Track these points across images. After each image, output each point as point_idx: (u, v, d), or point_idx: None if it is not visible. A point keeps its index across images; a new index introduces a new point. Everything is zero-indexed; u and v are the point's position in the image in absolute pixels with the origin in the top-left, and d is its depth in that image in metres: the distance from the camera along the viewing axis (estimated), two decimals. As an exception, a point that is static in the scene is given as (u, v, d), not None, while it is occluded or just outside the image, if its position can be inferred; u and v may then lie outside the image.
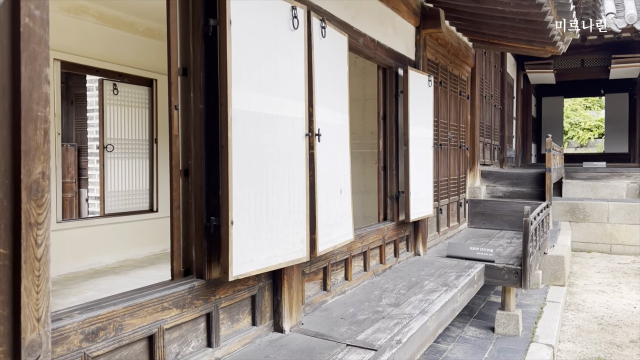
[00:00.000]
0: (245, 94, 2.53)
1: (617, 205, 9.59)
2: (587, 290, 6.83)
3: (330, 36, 3.39)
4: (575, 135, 28.83)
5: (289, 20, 2.86)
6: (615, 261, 8.77)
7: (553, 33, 5.63)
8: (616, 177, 10.87)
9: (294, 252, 2.94)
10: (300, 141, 2.97)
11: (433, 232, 6.12)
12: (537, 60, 11.75)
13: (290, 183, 2.88)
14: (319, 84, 3.24)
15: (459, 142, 7.06)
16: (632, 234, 9.45)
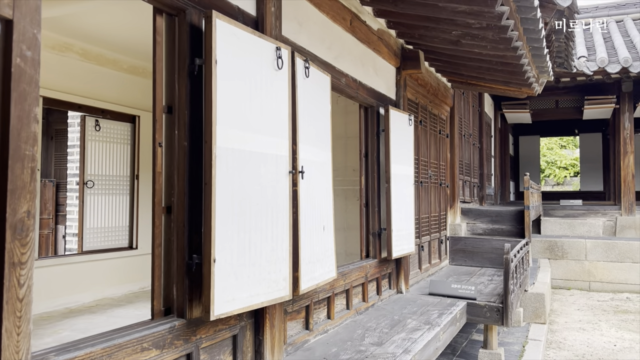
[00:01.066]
0: (229, 131, 2.55)
1: (595, 243, 9.74)
2: (568, 328, 6.84)
3: (314, 76, 3.47)
4: (552, 174, 29.42)
5: (274, 61, 2.92)
6: (594, 298, 8.84)
7: (528, 75, 5.82)
8: (592, 215, 11.07)
9: (276, 290, 2.91)
10: (283, 178, 2.98)
11: (415, 270, 6.13)
12: (514, 101, 12.07)
13: (274, 220, 2.88)
14: (303, 122, 3.28)
15: (439, 179, 7.15)
16: (610, 271, 9.57)
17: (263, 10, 3.04)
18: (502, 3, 3.67)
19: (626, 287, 9.44)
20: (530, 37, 4.82)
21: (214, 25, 2.47)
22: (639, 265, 9.41)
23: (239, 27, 2.66)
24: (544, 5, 6.49)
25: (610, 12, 13.61)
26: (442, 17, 4.23)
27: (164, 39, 2.56)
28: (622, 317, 7.46)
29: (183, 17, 2.56)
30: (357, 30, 4.43)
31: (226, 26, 2.56)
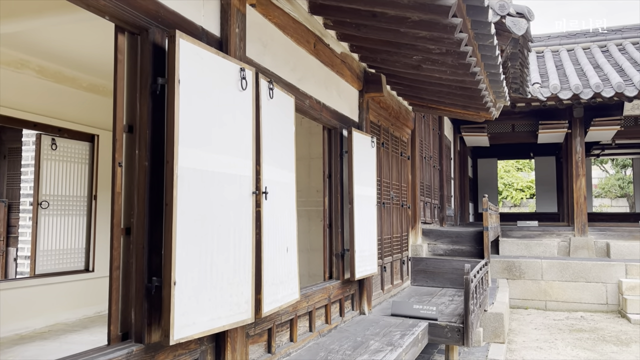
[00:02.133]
0: (192, 151, 2.53)
1: (550, 263, 10.02)
2: (526, 347, 6.97)
3: (278, 97, 3.48)
4: (509, 195, 30.26)
5: (238, 81, 2.93)
6: (550, 317, 9.05)
7: (486, 100, 6.02)
8: (548, 236, 11.41)
9: (238, 313, 2.86)
10: (247, 199, 2.96)
11: (377, 290, 6.14)
12: (472, 124, 12.42)
13: (236, 242, 2.85)
14: (267, 142, 3.28)
15: (401, 200, 7.25)
16: (565, 291, 9.84)
17: (227, 31, 3.05)
18: (460, 30, 3.80)
19: (580, 306, 9.72)
20: (487, 63, 5.00)
21: (177, 45, 2.46)
22: (592, 285, 9.72)
23: (202, 47, 2.66)
24: (500, 33, 6.75)
25: (561, 41, 14.26)
26: (403, 42, 4.34)
27: (125, 58, 2.53)
28: (577, 336, 7.66)
29: (146, 36, 2.54)
30: (321, 53, 4.49)
31: (190, 46, 2.55)
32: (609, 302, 9.59)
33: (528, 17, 6.83)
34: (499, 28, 6.71)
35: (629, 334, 7.80)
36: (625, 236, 10.93)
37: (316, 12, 4.18)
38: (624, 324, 8.49)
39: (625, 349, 6.89)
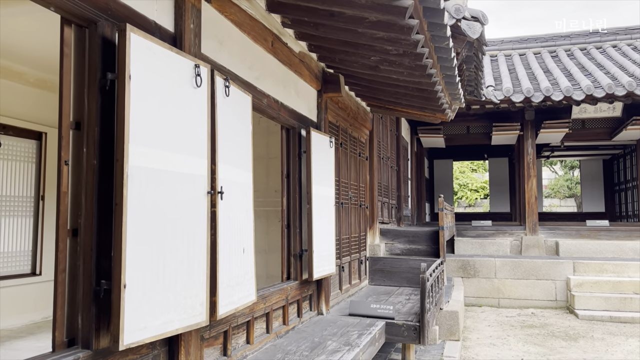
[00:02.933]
0: (143, 150, 2.44)
1: (503, 262, 10.29)
2: (480, 344, 7.13)
3: (234, 95, 3.42)
4: (464, 196, 30.98)
5: (192, 78, 2.85)
6: (503, 314, 9.30)
7: (442, 101, 6.11)
8: (501, 235, 11.73)
9: (192, 316, 2.79)
10: (201, 199, 2.89)
11: (336, 290, 6.15)
12: (429, 126, 12.64)
13: (190, 243, 2.78)
14: (222, 141, 3.22)
15: (359, 201, 7.28)
16: (517, 288, 10.13)
17: (182, 26, 2.97)
18: (417, 31, 3.84)
19: (531, 302, 10.03)
20: (443, 65, 5.07)
21: (128, 39, 2.37)
22: (542, 282, 10.04)
23: (155, 42, 2.58)
24: (455, 36, 6.87)
25: (514, 46, 14.69)
26: (361, 43, 4.35)
27: (72, 52, 2.42)
28: (528, 332, 7.89)
29: (94, 29, 2.44)
30: (279, 51, 4.45)
31: (141, 41, 2.46)
32: (558, 298, 9.94)
33: (482, 21, 6.98)
34: (455, 31, 6.83)
35: (576, 329, 8.10)
36: (573, 235, 11.36)
37: (274, 10, 4.14)
38: (572, 320, 8.81)
39: (574, 344, 7.15)
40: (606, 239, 11.07)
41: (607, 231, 11.21)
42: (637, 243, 10.75)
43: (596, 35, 14.17)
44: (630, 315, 8.72)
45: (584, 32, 14.35)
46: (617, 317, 8.72)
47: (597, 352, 6.70)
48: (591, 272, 9.91)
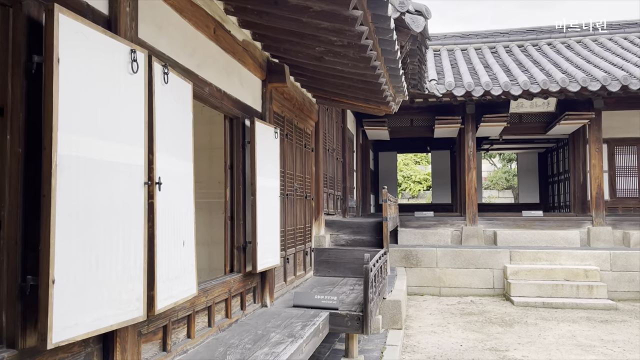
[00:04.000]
0: (73, 138, 2.31)
1: (444, 251, 10.59)
2: (421, 332, 7.31)
3: (174, 83, 3.31)
4: (408, 187, 31.66)
5: (128, 64, 2.73)
6: (444, 303, 9.58)
7: (386, 94, 6.18)
8: (442, 226, 12.06)
9: (128, 311, 2.69)
10: (138, 190, 2.78)
11: (280, 282, 6.12)
12: (374, 118, 12.78)
13: (126, 235, 2.67)
14: (161, 130, 3.10)
15: (304, 192, 7.27)
16: (457, 277, 10.47)
17: (117, 9, 2.83)
18: (361, 23, 3.84)
19: (471, 291, 10.39)
20: (387, 57, 5.12)
21: (56, 20, 2.23)
22: (481, 271, 10.42)
23: (87, 24, 2.44)
24: (400, 30, 6.95)
25: (456, 41, 15.06)
26: (306, 33, 4.31)
27: (-6, 31, 2.25)
28: (467, 319, 8.17)
29: (19, 9, 2.28)
30: (222, 39, 4.34)
31: (71, 22, 2.33)
32: (496, 286, 10.35)
33: (426, 15, 7.08)
34: (399, 24, 6.90)
35: (512, 315, 8.45)
36: (510, 225, 11.83)
37: (216, -4, 4.03)
38: (508, 306, 9.19)
39: (509, 329, 7.46)
40: (540, 228, 11.61)
41: (541, 221, 11.75)
42: (568, 232, 11.33)
43: (532, 33, 14.75)
44: (561, 301, 9.20)
45: (522, 30, 14.91)
46: (549, 303, 9.17)
47: (530, 337, 7.02)
48: (526, 260, 10.37)
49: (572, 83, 10.35)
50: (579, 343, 6.70)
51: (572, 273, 9.80)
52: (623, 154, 12.48)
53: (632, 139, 12.44)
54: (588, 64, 11.73)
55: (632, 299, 9.86)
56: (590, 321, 8.01)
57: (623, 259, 10.05)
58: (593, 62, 11.97)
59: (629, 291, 9.94)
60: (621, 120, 12.35)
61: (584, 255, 10.21)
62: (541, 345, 6.58)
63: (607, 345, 6.60)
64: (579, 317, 8.34)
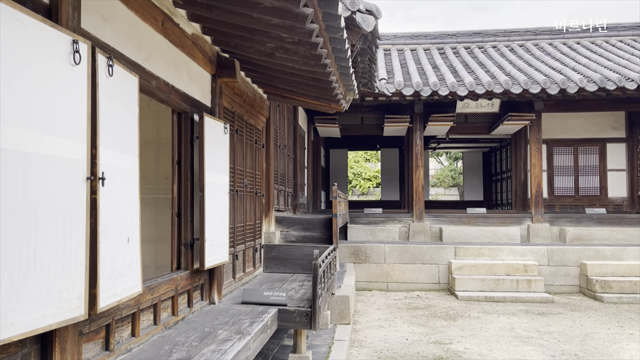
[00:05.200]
0: (9, 130, 2.22)
1: (392, 247, 10.80)
2: (369, 327, 7.44)
3: (119, 76, 3.22)
4: (358, 184, 32.03)
5: (70, 55, 2.64)
6: (391, 298, 9.78)
7: (337, 92, 6.23)
8: (390, 222, 12.29)
9: (69, 310, 2.61)
10: (79, 185, 2.70)
11: (229, 279, 6.07)
12: (325, 116, 12.86)
13: (67, 232, 2.58)
14: (105, 124, 3.02)
15: (255, 189, 7.23)
16: (404, 273, 10.70)
17: (58, -2, 2.73)
18: (312, 21, 3.86)
19: (417, 285, 10.65)
20: (338, 56, 5.16)
21: (-8, 6, 2.13)
22: (427, 266, 10.69)
23: (25, 12, 2.34)
24: (350, 28, 7.02)
25: (406, 41, 15.34)
26: (256, 28, 4.29)
27: None
28: (413, 313, 8.37)
29: (-49, -7, 2.16)
30: (170, 32, 4.25)
31: (8, 10, 2.23)
32: (441, 281, 10.65)
33: (376, 15, 7.19)
34: (350, 23, 6.97)
35: (456, 309, 8.73)
36: (455, 222, 12.19)
37: (165, -12, 3.95)
38: (453, 301, 9.48)
39: (453, 323, 7.70)
40: (483, 225, 12.02)
41: (484, 218, 12.17)
42: (509, 229, 11.79)
43: (479, 36, 15.22)
44: (502, 295, 9.57)
45: (469, 32, 15.35)
46: (491, 297, 9.53)
47: (473, 330, 7.28)
48: (470, 256, 10.72)
49: (515, 85, 10.76)
50: (517, 335, 7.00)
51: (512, 268, 10.22)
52: (561, 154, 13.10)
53: (569, 140, 13.09)
54: (530, 67, 12.23)
55: (567, 292, 10.39)
56: (528, 314, 8.37)
57: (559, 254, 10.56)
58: (534, 65, 12.48)
59: (564, 285, 10.46)
60: (559, 122, 12.97)
61: (523, 250, 10.66)
62: (482, 338, 6.83)
63: (544, 336, 6.93)
64: (518, 310, 8.70)
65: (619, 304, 9.24)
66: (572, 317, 8.15)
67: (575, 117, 12.94)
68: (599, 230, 11.53)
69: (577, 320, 7.92)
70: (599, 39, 14.76)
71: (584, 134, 13.06)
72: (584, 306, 9.04)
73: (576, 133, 13.08)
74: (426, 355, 6.05)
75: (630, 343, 6.59)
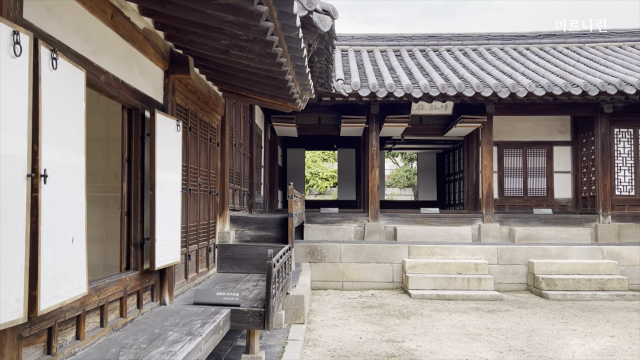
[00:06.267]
0: (-58, 124, 2.10)
1: (347, 247, 10.88)
2: (323, 326, 7.47)
3: (64, 69, 3.10)
4: (315, 184, 32.12)
5: (10, 46, 2.52)
6: (346, 297, 9.84)
7: (292, 91, 6.22)
8: (346, 222, 12.37)
9: (7, 313, 2.49)
10: (20, 183, 2.58)
11: (181, 279, 5.96)
12: (282, 115, 12.81)
13: (4, 232, 2.46)
14: (48, 119, 2.90)
15: (209, 187, 7.13)
16: (359, 272, 10.80)
17: (-2, -14, 2.60)
18: (267, 19, 3.83)
19: (372, 284, 10.77)
20: (294, 55, 5.15)
21: None
22: (381, 265, 10.83)
23: (-40, 0, 2.22)
24: (307, 28, 7.02)
25: (363, 43, 15.48)
26: (211, 25, 4.22)
27: None
28: (367, 312, 8.46)
29: None
30: (120, 26, 4.13)
31: (-59, -4, 2.11)
32: (395, 280, 10.80)
33: (333, 15, 7.21)
34: (307, 23, 6.97)
35: (409, 307, 8.87)
36: (409, 221, 12.39)
37: (114, -20, 3.83)
38: (406, 299, 9.63)
39: (406, 321, 7.83)
40: (437, 225, 12.27)
41: (437, 218, 12.43)
42: (461, 228, 12.08)
43: (434, 39, 15.54)
44: (454, 293, 9.80)
45: (424, 35, 15.65)
46: (443, 295, 9.74)
47: (425, 328, 7.41)
48: (423, 255, 10.93)
49: (468, 88, 11.04)
50: (467, 332, 7.18)
51: (464, 267, 10.47)
52: (511, 156, 13.54)
53: (519, 142, 13.54)
54: (482, 71, 12.57)
55: (516, 290, 10.74)
56: (478, 311, 8.61)
57: (508, 253, 10.90)
58: (486, 69, 12.84)
59: (513, 283, 10.81)
60: (510, 125, 13.39)
61: (474, 250, 10.95)
62: (434, 336, 6.97)
63: (492, 333, 7.14)
64: (469, 307, 8.93)
65: (563, 300, 9.62)
66: (519, 314, 8.42)
67: (525, 120, 13.39)
68: (546, 230, 11.97)
69: (524, 317, 8.20)
70: (546, 46, 15.33)
71: (533, 137, 13.54)
72: (530, 303, 9.36)
73: (525, 136, 13.54)
74: (379, 354, 6.12)
75: (573, 338, 6.87)
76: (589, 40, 15.47)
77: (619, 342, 6.67)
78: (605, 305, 9.24)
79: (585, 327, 7.49)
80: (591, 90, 10.84)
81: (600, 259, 10.79)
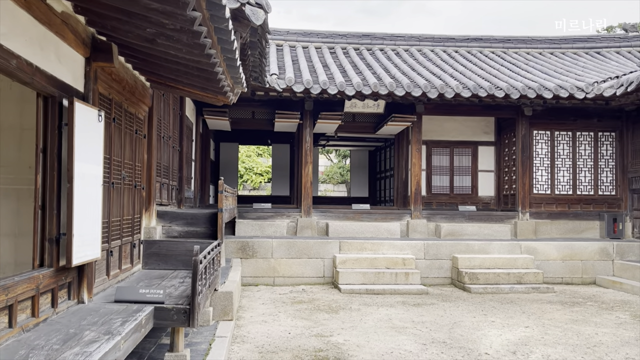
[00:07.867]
0: None
1: (280, 242, 10.86)
2: (253, 322, 7.41)
3: (-33, 51, 2.87)
4: (249, 179, 31.83)
5: None
6: (277, 292, 9.82)
7: (223, 84, 6.09)
8: (279, 217, 12.35)
9: None
10: None
11: (102, 277, 5.71)
12: (215, 108, 12.55)
13: None
14: (-53, 105, 2.67)
15: (134, 181, 6.86)
16: (291, 267, 10.81)
17: None
18: (194, 8, 3.72)
19: (303, 279, 10.81)
20: (224, 47, 5.04)
21: None
22: (313, 260, 10.89)
23: None
24: (239, 20, 6.92)
25: (298, 38, 15.48)
26: (135, 12, 4.05)
27: None
28: (298, 307, 8.48)
29: None
30: (35, 8, 3.88)
31: None
32: (326, 275, 10.90)
33: (266, 9, 7.15)
34: (239, 15, 6.87)
35: (339, 302, 8.98)
36: (341, 217, 12.54)
37: (28, -41, 3.59)
38: (336, 294, 9.74)
39: (335, 316, 7.91)
40: (367, 220, 12.50)
41: (368, 214, 12.66)
42: (390, 224, 12.37)
43: (367, 38, 15.78)
44: (382, 288, 10.02)
45: (358, 34, 15.85)
46: (372, 290, 9.93)
47: (353, 322, 7.53)
48: (354, 250, 11.10)
49: (399, 88, 11.30)
50: (394, 325, 7.37)
51: (392, 261, 10.73)
52: (438, 155, 14.01)
53: (446, 141, 14.03)
54: (413, 72, 12.90)
55: (441, 284, 11.14)
56: (405, 305, 8.85)
57: (434, 248, 11.29)
58: (417, 70, 13.20)
59: (438, 277, 11.20)
60: (438, 125, 13.85)
61: (402, 245, 11.25)
62: (362, 330, 7.09)
63: (417, 326, 7.36)
64: (396, 301, 9.16)
65: (484, 293, 10.08)
66: (443, 307, 8.74)
67: (452, 120, 13.89)
68: (470, 226, 12.49)
69: (448, 310, 8.52)
70: (474, 49, 15.97)
71: (460, 137, 14.08)
72: (454, 296, 9.74)
73: (452, 136, 14.06)
74: (307, 349, 6.15)
75: (492, 330, 7.21)
76: (512, 46, 16.26)
77: (532, 332, 7.07)
78: (522, 297, 9.78)
79: (503, 319, 7.89)
80: (513, 94, 11.40)
81: (518, 254, 11.40)
